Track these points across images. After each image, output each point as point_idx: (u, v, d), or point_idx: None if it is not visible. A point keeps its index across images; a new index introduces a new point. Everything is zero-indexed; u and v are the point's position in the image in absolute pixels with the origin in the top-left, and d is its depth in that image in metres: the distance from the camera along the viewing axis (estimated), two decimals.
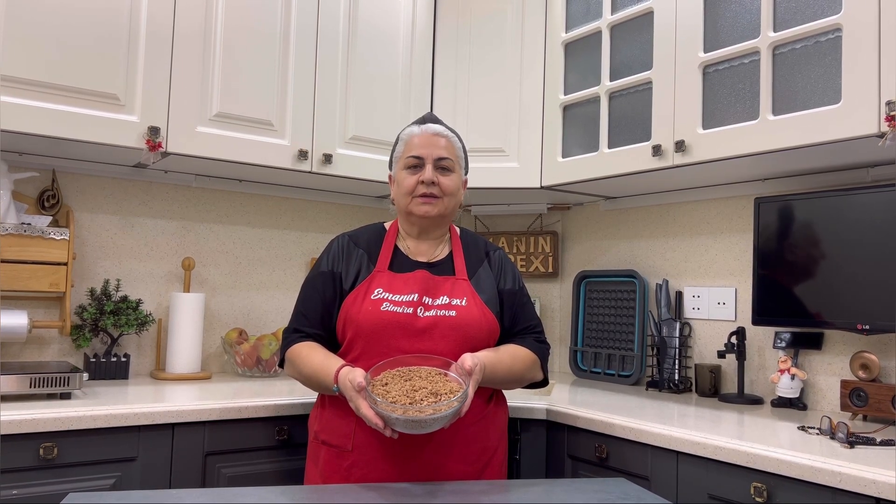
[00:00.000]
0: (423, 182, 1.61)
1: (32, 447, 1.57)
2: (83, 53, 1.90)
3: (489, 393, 1.64)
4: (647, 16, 2.16)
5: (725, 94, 1.94)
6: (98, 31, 1.92)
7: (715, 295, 2.33)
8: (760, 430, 1.68)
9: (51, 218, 2.12)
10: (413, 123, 1.69)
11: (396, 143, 1.70)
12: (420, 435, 1.49)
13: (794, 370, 2.01)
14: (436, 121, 1.68)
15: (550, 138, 2.46)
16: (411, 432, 1.34)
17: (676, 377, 2.32)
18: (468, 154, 2.24)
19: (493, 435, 1.61)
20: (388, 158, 2.42)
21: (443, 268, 1.66)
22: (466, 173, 1.73)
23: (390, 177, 1.72)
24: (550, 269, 2.88)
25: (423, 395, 1.33)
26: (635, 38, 2.21)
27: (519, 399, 2.00)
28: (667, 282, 2.44)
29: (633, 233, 2.64)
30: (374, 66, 2.43)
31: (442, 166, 1.63)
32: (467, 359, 1.42)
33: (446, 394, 1.35)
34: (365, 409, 1.35)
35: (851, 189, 1.88)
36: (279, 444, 1.88)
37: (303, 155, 2.23)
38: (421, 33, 2.54)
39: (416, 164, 1.63)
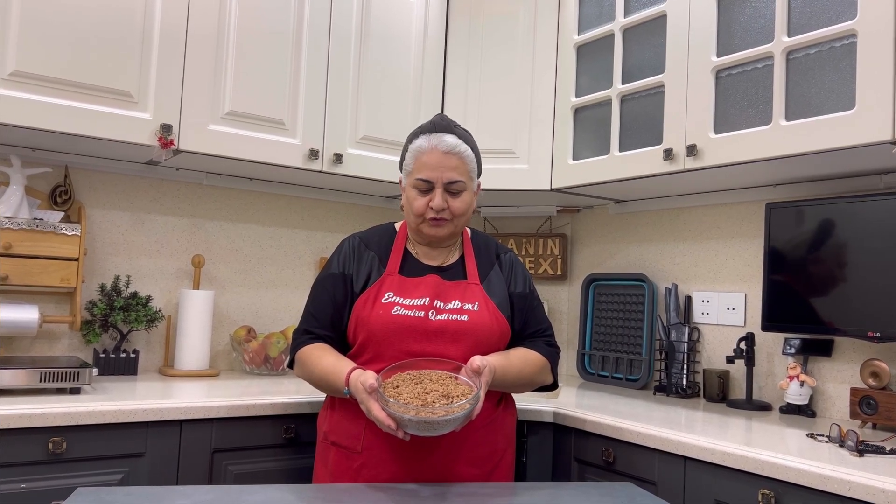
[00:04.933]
0: (432, 208, 1.56)
1: (41, 441, 1.58)
2: (97, 51, 1.91)
3: (498, 396, 1.64)
4: (660, 19, 2.16)
5: (738, 99, 1.93)
6: (112, 28, 1.93)
7: (724, 300, 2.32)
8: (769, 436, 1.67)
9: (63, 213, 2.14)
10: (423, 132, 1.60)
11: (405, 151, 1.63)
12: (430, 437, 1.49)
13: (803, 377, 2.00)
14: (447, 128, 1.59)
15: (561, 141, 2.45)
16: (423, 434, 1.33)
17: (684, 382, 2.32)
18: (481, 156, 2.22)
19: (502, 438, 1.61)
20: (397, 159, 2.42)
21: (454, 272, 1.65)
22: (479, 176, 1.66)
23: (400, 179, 1.67)
24: (559, 272, 2.87)
25: (435, 398, 1.33)
26: (648, 42, 2.20)
27: (526, 402, 2.00)
28: (676, 286, 2.43)
29: (643, 236, 2.63)
30: (386, 67, 2.43)
31: (452, 190, 1.57)
32: (476, 359, 1.42)
33: (457, 396, 1.35)
34: (377, 411, 1.35)
35: (864, 196, 1.87)
36: (286, 442, 1.88)
37: (313, 154, 2.23)
38: (433, 34, 2.54)
39: (426, 189, 1.57)
